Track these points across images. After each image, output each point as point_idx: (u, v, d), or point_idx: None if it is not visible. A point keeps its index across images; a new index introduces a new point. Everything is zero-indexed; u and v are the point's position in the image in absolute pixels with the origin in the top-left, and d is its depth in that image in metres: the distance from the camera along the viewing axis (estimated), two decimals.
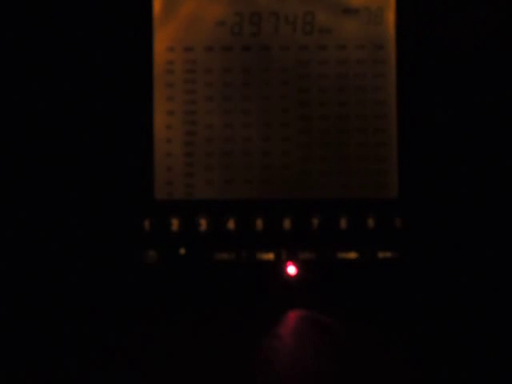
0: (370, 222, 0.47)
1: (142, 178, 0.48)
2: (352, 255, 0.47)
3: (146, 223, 0.48)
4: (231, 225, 0.48)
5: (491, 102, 0.47)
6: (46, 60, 0.48)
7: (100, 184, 0.48)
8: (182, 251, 0.48)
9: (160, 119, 0.48)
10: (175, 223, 0.48)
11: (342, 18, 0.48)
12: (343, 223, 0.47)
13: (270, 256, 0.48)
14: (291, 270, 0.48)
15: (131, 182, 0.48)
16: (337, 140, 0.48)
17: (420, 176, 0.47)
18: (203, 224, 0.48)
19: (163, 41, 0.48)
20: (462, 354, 0.38)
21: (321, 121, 0.48)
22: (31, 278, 0.47)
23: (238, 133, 0.48)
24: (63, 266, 0.48)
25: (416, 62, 0.48)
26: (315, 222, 0.47)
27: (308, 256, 0.47)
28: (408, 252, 0.47)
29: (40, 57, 0.48)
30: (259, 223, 0.48)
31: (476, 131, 0.47)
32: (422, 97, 0.47)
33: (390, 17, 0.48)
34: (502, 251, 0.47)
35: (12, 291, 0.47)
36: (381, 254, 0.47)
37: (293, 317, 0.45)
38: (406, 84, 0.48)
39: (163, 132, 0.48)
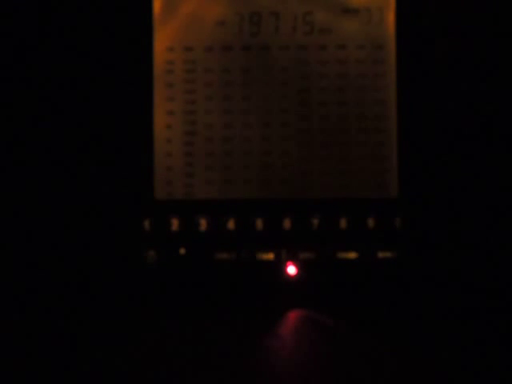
0: (370, 222, 0.47)
1: (142, 178, 0.48)
2: (352, 255, 0.47)
3: (146, 223, 0.48)
4: (231, 225, 0.48)
5: (491, 102, 0.47)
6: (46, 60, 0.48)
7: (100, 184, 0.48)
8: (182, 251, 0.48)
9: (160, 119, 0.48)
10: (175, 223, 0.48)
11: (341, 18, 0.48)
12: (343, 223, 0.47)
13: (270, 256, 0.48)
14: (291, 270, 0.48)
15: (131, 182, 0.48)
16: (337, 140, 0.48)
17: (420, 176, 0.47)
18: (203, 224, 0.48)
19: (163, 41, 0.48)
20: (462, 354, 0.38)
21: (321, 121, 0.48)
22: (31, 278, 0.47)
23: (238, 133, 0.48)
24: (63, 266, 0.48)
25: (416, 62, 0.48)
26: (315, 221, 0.47)
27: (308, 256, 0.47)
28: (408, 252, 0.47)
29: (40, 57, 0.48)
30: (259, 223, 0.48)
31: (476, 131, 0.47)
32: (421, 97, 0.47)
33: (390, 17, 0.48)
34: (502, 251, 0.47)
35: (12, 291, 0.47)
36: (381, 254, 0.47)
37: (293, 317, 0.45)
38: (406, 84, 0.48)
39: (163, 132, 0.48)
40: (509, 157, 0.47)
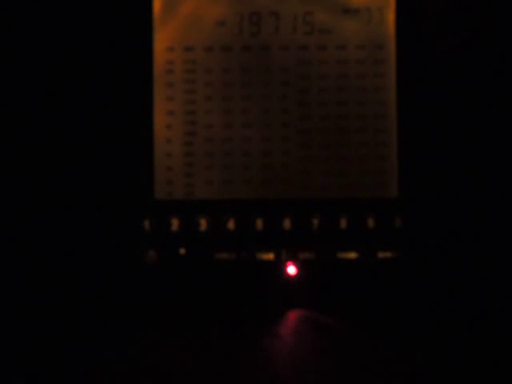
0: (370, 222, 0.47)
1: (142, 178, 0.48)
2: (352, 255, 0.47)
3: (146, 223, 0.48)
4: (231, 225, 0.48)
5: (491, 102, 0.47)
6: (46, 60, 0.48)
7: (100, 184, 0.48)
8: (182, 251, 0.48)
9: (160, 119, 0.48)
10: (175, 223, 0.48)
11: (342, 18, 0.48)
12: (343, 223, 0.47)
13: (270, 256, 0.48)
14: (291, 269, 0.48)
15: (131, 182, 0.48)
16: (337, 140, 0.48)
17: (420, 176, 0.47)
18: (203, 224, 0.48)
19: (163, 41, 0.48)
20: (462, 354, 0.38)
21: (321, 121, 0.48)
22: (31, 278, 0.47)
23: (238, 133, 0.48)
24: (63, 266, 0.48)
25: (416, 62, 0.48)
26: (315, 221, 0.47)
27: (308, 256, 0.47)
28: (408, 252, 0.47)
29: (40, 57, 0.48)
30: (259, 223, 0.48)
31: (476, 131, 0.47)
32: (421, 97, 0.47)
33: (390, 17, 0.48)
34: (501, 251, 0.47)
35: (12, 291, 0.47)
36: (381, 254, 0.47)
37: (293, 317, 0.45)
38: (406, 84, 0.48)
39: (163, 132, 0.48)
40: (509, 157, 0.47)
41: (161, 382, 0.35)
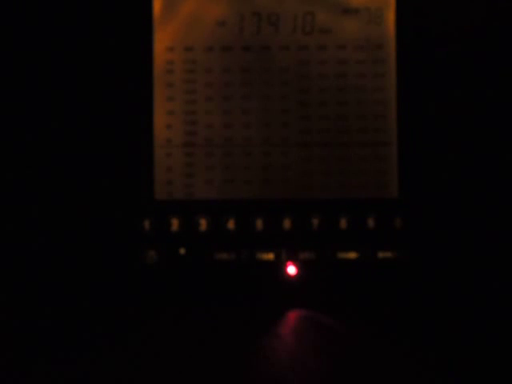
0: (370, 222, 0.47)
1: (142, 178, 0.48)
2: (352, 255, 0.47)
3: (146, 223, 0.48)
4: (231, 225, 0.48)
5: (491, 102, 0.47)
6: (46, 60, 0.48)
7: (100, 184, 0.48)
8: (182, 251, 0.48)
9: (160, 119, 0.48)
10: (175, 223, 0.48)
11: (342, 18, 0.48)
12: (343, 223, 0.47)
13: (270, 256, 0.48)
14: (291, 269, 0.48)
15: (131, 182, 0.48)
16: (337, 140, 0.48)
17: (420, 176, 0.47)
18: (203, 224, 0.48)
19: (163, 41, 0.48)
20: (462, 354, 0.38)
21: (321, 121, 0.48)
22: (31, 278, 0.47)
23: (238, 133, 0.48)
24: (63, 266, 0.48)
25: (416, 62, 0.48)
26: (315, 221, 0.47)
27: (308, 256, 0.47)
28: (408, 252, 0.47)
29: (40, 57, 0.48)
30: (259, 223, 0.48)
31: (476, 131, 0.47)
32: (421, 97, 0.47)
33: (390, 17, 0.48)
34: (502, 251, 0.47)
35: (12, 291, 0.47)
36: (381, 254, 0.47)
37: (293, 317, 0.45)
38: (406, 84, 0.48)
39: (163, 132, 0.48)
40: (509, 157, 0.47)
41: (160, 382, 0.35)
